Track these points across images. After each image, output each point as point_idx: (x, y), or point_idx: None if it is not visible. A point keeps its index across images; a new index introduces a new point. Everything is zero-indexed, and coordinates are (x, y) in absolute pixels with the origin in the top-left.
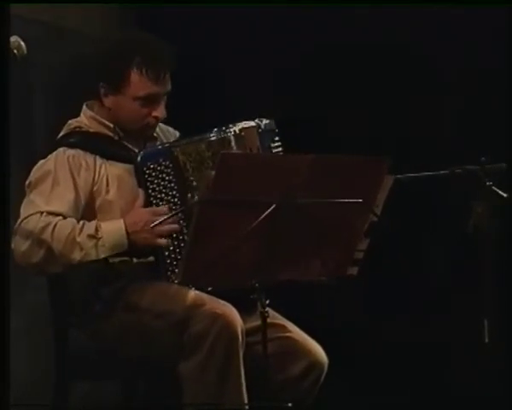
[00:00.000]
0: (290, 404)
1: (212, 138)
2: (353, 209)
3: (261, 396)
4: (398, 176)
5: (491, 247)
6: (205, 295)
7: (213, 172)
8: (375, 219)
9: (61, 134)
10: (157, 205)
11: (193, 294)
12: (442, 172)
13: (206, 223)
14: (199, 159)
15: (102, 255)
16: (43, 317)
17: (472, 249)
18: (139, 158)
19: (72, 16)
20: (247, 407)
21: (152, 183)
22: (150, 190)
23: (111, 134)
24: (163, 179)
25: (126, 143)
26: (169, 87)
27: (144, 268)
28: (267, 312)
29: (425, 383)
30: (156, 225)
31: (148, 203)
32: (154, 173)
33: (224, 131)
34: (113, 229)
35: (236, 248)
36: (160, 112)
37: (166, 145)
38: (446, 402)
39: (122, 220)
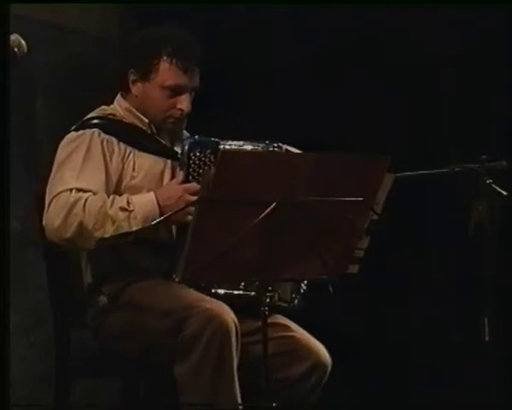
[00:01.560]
0: (274, 404)
1: (258, 148)
2: (354, 208)
3: (262, 396)
4: (399, 174)
5: (491, 245)
6: (200, 295)
7: (214, 171)
8: (376, 217)
9: (92, 115)
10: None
11: (188, 293)
12: (442, 170)
13: (206, 221)
14: None
15: (135, 227)
16: (44, 316)
17: (472, 248)
18: (189, 144)
19: (73, 16)
20: (240, 408)
21: (194, 169)
22: (190, 176)
23: (145, 128)
24: (204, 170)
25: (159, 139)
26: (197, 83)
27: (149, 267)
28: (267, 310)
29: (425, 383)
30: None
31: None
32: (197, 161)
33: (272, 145)
34: (144, 201)
35: (237, 247)
36: (186, 105)
37: (216, 139)
38: (446, 402)
39: (152, 193)
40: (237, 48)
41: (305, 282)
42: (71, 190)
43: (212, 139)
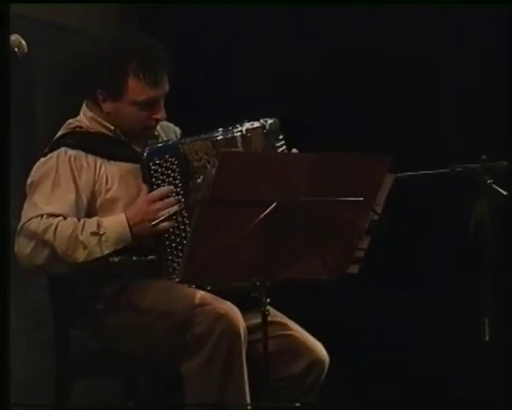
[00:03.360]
0: (298, 404)
1: (219, 138)
2: (354, 207)
3: (262, 395)
4: (399, 174)
5: (491, 245)
6: (207, 294)
7: (214, 171)
8: (376, 217)
9: (60, 133)
10: (161, 200)
11: (195, 293)
12: (443, 170)
13: (206, 221)
14: (205, 157)
15: (107, 251)
16: (44, 316)
17: (473, 247)
18: (146, 153)
19: (73, 16)
20: (249, 408)
21: (157, 179)
22: (155, 186)
23: (112, 135)
24: (168, 176)
25: (128, 144)
26: (167, 88)
27: (145, 266)
28: (268, 310)
29: (425, 383)
30: (159, 222)
31: None
32: (159, 169)
33: (231, 131)
34: (114, 223)
35: (237, 247)
36: (161, 114)
37: (173, 142)
38: (446, 402)
39: (123, 214)
40: (237, 48)
41: None
42: (41, 215)
43: (170, 142)
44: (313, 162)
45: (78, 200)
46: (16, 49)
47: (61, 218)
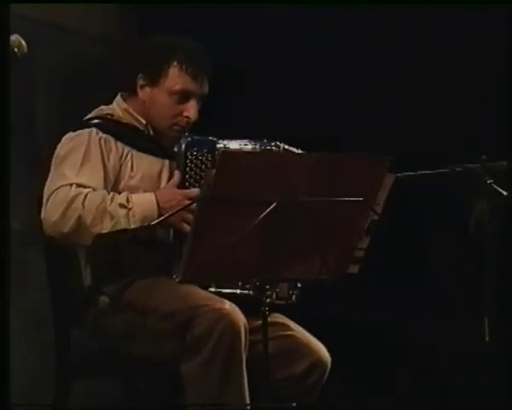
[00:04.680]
0: (294, 404)
1: (256, 147)
2: (354, 208)
3: (263, 395)
4: (399, 174)
5: (491, 245)
6: (209, 294)
7: (214, 171)
8: (376, 217)
9: (91, 115)
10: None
11: (198, 293)
12: (443, 170)
13: (206, 221)
14: None
15: (133, 225)
16: (44, 316)
17: (473, 247)
18: (185, 143)
19: (73, 16)
20: (249, 408)
21: (191, 169)
22: (187, 175)
23: (142, 129)
24: (201, 170)
25: (157, 139)
26: (205, 90)
27: (146, 265)
28: (268, 310)
29: (425, 383)
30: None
31: (182, 186)
32: (195, 161)
33: (269, 144)
34: (144, 201)
35: (237, 247)
36: (192, 113)
37: (212, 139)
38: (446, 402)
39: (153, 194)
40: (237, 48)
41: None
42: (71, 184)
43: (209, 138)
44: (313, 162)
45: (106, 179)
46: (16, 49)
47: (90, 189)
